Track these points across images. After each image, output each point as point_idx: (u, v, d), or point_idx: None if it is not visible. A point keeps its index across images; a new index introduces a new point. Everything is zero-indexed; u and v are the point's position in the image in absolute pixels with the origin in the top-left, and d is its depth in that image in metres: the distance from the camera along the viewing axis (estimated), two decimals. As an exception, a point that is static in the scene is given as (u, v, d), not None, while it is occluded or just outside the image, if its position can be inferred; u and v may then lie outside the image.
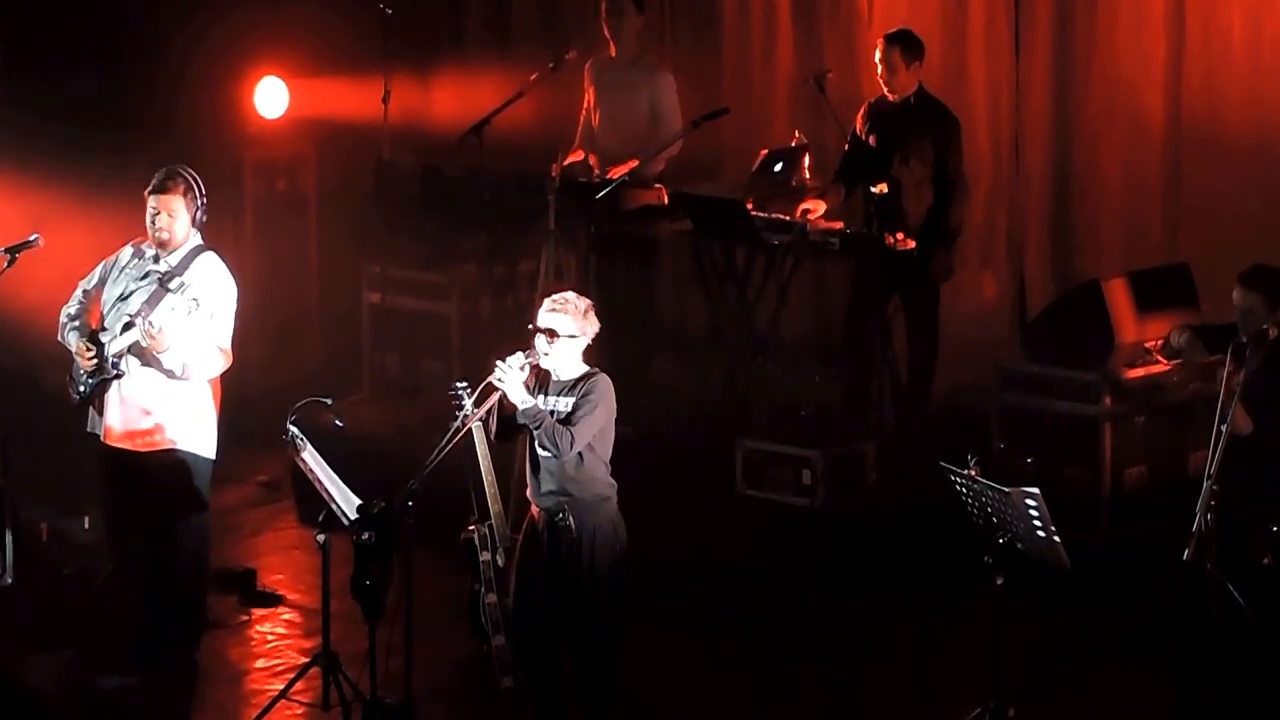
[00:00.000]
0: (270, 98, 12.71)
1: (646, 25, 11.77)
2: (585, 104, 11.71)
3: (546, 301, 7.72)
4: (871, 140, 10.82)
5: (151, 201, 8.55)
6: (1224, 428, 7.58)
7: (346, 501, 8.03)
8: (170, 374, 8.53)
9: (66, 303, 8.75)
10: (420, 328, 12.13)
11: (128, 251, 8.73)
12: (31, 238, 8.88)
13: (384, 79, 11.85)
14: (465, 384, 8.04)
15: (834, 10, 12.08)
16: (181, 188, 8.56)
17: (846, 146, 10.95)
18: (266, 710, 8.34)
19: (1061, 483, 9.71)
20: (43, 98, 11.59)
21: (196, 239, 8.65)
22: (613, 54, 11.57)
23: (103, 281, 8.71)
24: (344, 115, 12.55)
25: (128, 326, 8.48)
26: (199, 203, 8.61)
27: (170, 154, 10.01)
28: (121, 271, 8.67)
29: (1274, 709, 8.07)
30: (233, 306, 8.60)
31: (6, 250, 8.87)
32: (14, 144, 11.20)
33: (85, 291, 8.76)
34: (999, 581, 7.49)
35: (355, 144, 12.55)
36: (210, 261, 8.63)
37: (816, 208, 10.82)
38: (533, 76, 11.38)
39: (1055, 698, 8.47)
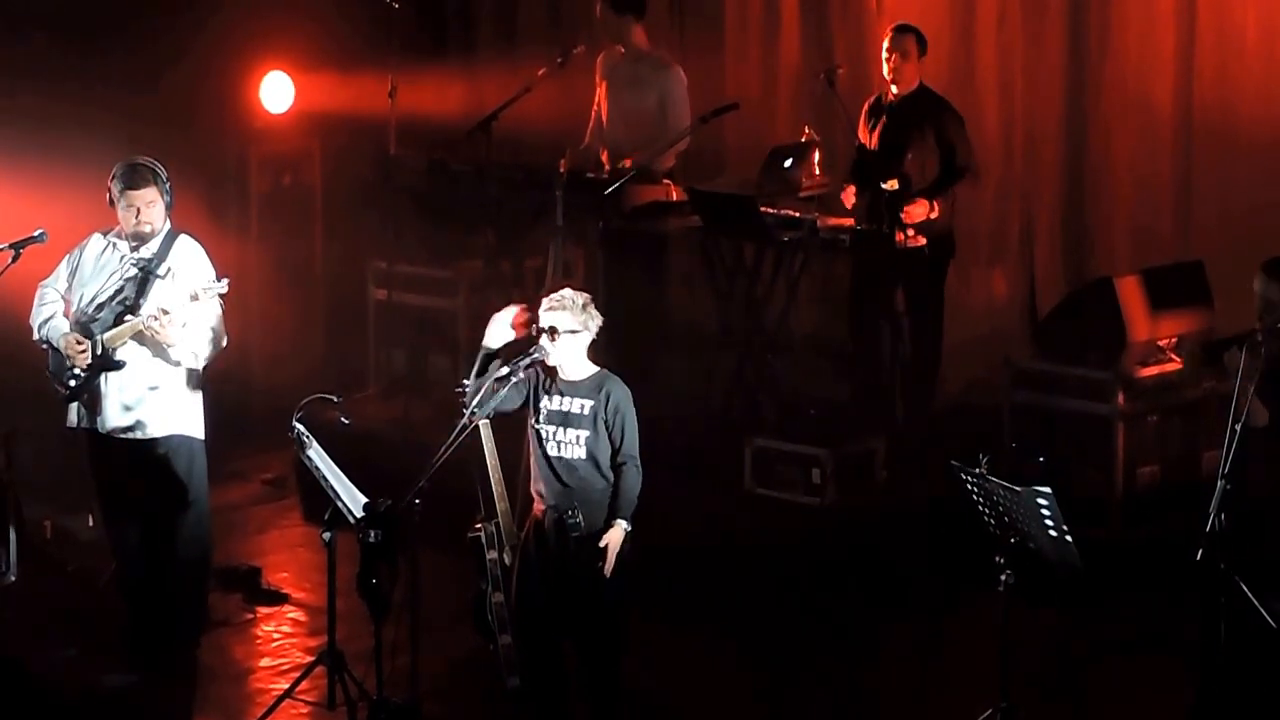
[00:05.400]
0: (276, 92, 12.67)
1: (651, 21, 11.70)
2: (596, 99, 11.66)
3: (544, 301, 7.74)
4: (875, 138, 10.75)
5: (129, 199, 8.56)
6: (1238, 426, 7.51)
7: (352, 499, 7.99)
8: (178, 364, 8.54)
9: (35, 304, 8.72)
10: (427, 324, 12.10)
11: (97, 243, 8.74)
12: (36, 233, 8.85)
13: (390, 74, 11.79)
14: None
15: (843, 5, 12.02)
16: (152, 178, 8.59)
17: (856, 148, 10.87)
18: (271, 709, 8.31)
19: (1074, 482, 9.66)
20: (47, 94, 11.55)
21: (168, 222, 8.68)
22: (623, 49, 11.53)
23: (72, 275, 8.70)
24: (350, 110, 12.49)
25: (122, 317, 8.47)
26: (168, 186, 8.63)
27: (176, 149, 9.98)
28: (97, 263, 8.67)
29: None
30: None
31: (11, 245, 8.84)
32: (17, 139, 11.16)
33: (54, 289, 8.73)
34: (1010, 581, 7.44)
35: (361, 139, 12.50)
36: (189, 243, 8.68)
37: (849, 196, 10.74)
38: (540, 72, 11.35)
39: (1067, 698, 8.43)
